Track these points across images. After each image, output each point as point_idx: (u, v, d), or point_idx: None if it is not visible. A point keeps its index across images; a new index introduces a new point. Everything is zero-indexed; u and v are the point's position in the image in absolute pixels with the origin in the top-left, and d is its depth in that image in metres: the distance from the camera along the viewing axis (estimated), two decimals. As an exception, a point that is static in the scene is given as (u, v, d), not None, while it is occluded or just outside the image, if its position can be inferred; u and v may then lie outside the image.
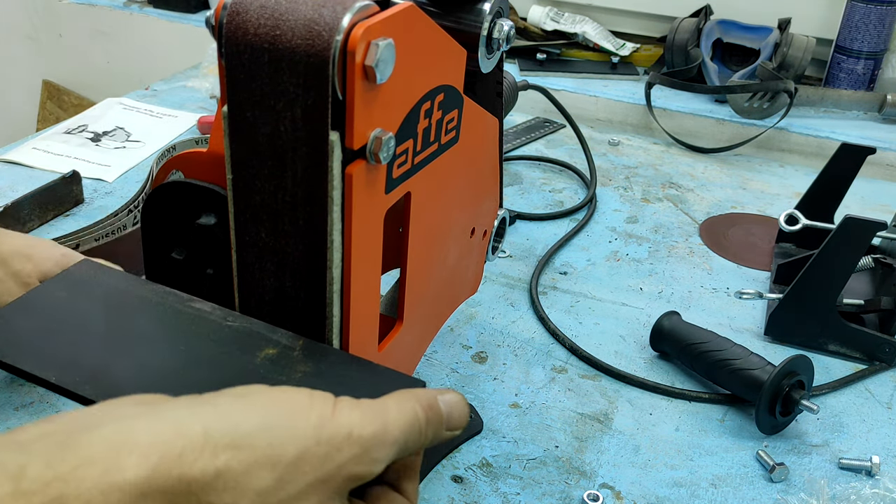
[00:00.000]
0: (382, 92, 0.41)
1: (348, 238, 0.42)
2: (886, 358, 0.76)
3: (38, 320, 0.45)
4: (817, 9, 1.43)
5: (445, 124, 0.49)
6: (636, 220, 1.02)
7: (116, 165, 1.06)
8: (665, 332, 0.75)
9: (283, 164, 0.42)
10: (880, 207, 1.07)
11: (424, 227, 0.51)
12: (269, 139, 0.41)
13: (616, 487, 0.62)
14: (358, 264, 0.44)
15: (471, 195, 0.59)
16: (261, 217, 0.44)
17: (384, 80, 0.39)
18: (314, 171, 0.41)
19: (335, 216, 0.42)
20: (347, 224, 0.42)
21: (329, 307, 0.44)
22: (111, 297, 0.47)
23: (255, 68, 0.40)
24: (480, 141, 0.57)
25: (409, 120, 0.44)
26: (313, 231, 0.42)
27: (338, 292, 0.44)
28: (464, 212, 0.58)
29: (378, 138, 0.41)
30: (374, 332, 0.49)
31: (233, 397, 0.36)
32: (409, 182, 0.47)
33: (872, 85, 1.37)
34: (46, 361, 0.42)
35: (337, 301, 0.44)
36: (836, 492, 0.63)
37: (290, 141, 0.41)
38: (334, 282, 0.43)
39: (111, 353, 0.43)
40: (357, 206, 0.42)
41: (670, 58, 1.40)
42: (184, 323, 0.45)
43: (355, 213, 0.42)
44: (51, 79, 2.01)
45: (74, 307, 0.46)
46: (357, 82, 0.38)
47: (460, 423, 0.41)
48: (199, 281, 0.51)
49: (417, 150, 0.47)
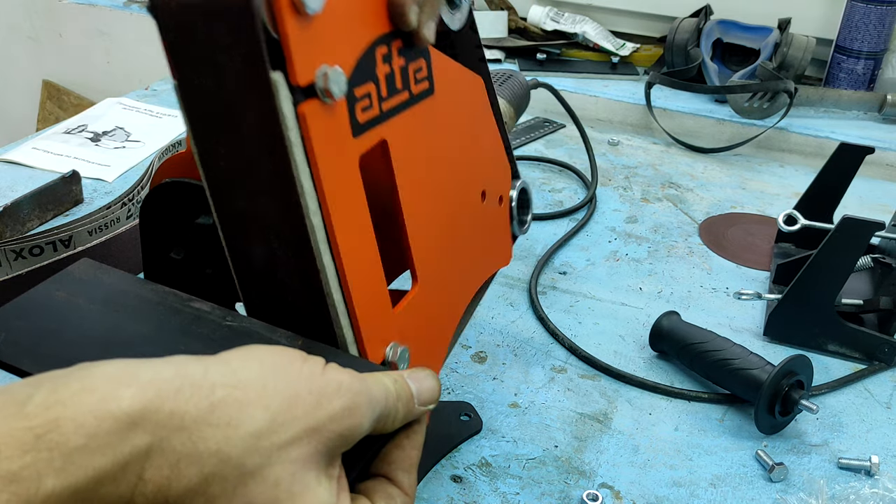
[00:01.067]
0: (320, 25, 0.40)
1: (321, 183, 0.41)
2: (885, 358, 0.76)
3: (37, 320, 0.45)
4: (817, 9, 1.43)
5: (413, 73, 0.49)
6: (636, 220, 1.02)
7: (116, 165, 1.06)
8: (664, 332, 0.75)
9: (237, 120, 0.41)
10: (879, 207, 1.07)
11: (414, 179, 0.50)
12: (219, 98, 0.41)
13: (615, 487, 0.62)
14: (339, 211, 0.43)
15: (469, 154, 0.57)
16: (232, 183, 0.43)
17: (317, 9, 0.39)
18: (267, 118, 0.40)
19: (298, 159, 0.41)
20: (315, 169, 0.41)
21: (318, 259, 0.43)
22: (110, 296, 0.47)
23: (191, 31, 0.40)
24: (465, 97, 0.56)
25: (364, 62, 0.44)
26: (283, 183, 0.41)
27: (324, 241, 0.43)
28: (464, 171, 0.57)
29: (325, 74, 0.40)
30: (379, 286, 0.48)
31: (233, 351, 0.37)
32: (381, 128, 0.46)
33: (872, 85, 1.37)
34: (46, 361, 0.42)
35: (326, 251, 0.43)
36: (835, 491, 0.63)
37: (238, 94, 0.40)
38: (316, 230, 0.42)
39: (110, 353, 0.43)
40: (319, 146, 0.41)
41: (670, 58, 1.40)
42: (183, 323, 0.45)
43: (318, 153, 0.41)
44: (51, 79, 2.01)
45: (74, 307, 0.46)
46: (286, 16, 0.38)
47: (431, 397, 0.43)
48: (199, 281, 0.51)
49: (383, 96, 0.46)
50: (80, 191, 0.97)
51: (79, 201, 0.97)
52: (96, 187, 1.01)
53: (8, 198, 0.91)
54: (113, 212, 0.85)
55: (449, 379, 0.72)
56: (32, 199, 0.90)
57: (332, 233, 0.43)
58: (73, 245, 0.81)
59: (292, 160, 0.40)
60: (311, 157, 0.41)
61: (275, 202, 0.42)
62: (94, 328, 0.45)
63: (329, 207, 0.42)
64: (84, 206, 0.96)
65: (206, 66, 0.40)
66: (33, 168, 1.04)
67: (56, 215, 0.94)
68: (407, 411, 0.41)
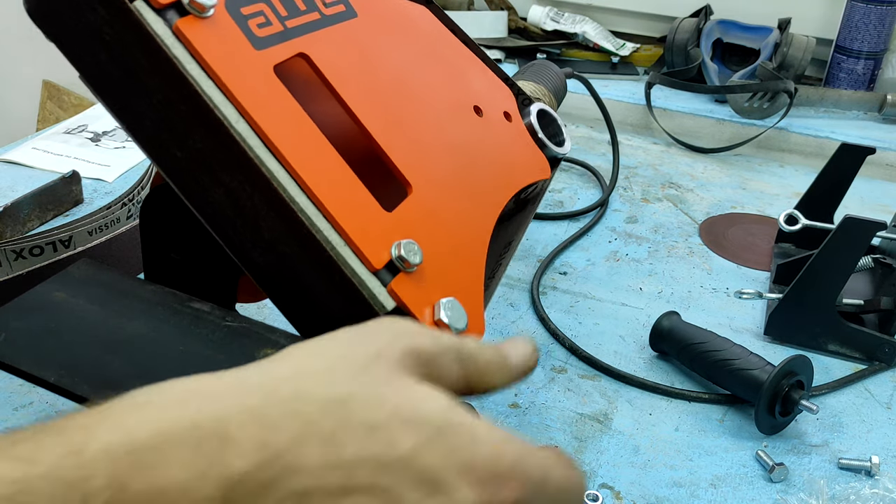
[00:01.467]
0: None
1: (231, 91, 0.41)
2: (886, 358, 0.76)
3: (37, 320, 0.45)
4: (817, 9, 1.43)
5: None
6: (636, 220, 1.02)
7: (116, 165, 1.06)
8: (664, 333, 0.75)
9: (136, 72, 0.41)
10: (880, 207, 1.07)
11: (363, 89, 0.49)
12: (114, 62, 0.41)
13: (616, 487, 0.62)
14: (264, 115, 0.42)
15: (437, 72, 0.57)
16: (161, 137, 0.43)
17: None
18: (153, 51, 0.40)
19: (195, 73, 0.40)
20: (218, 79, 0.41)
21: (263, 167, 0.41)
22: (110, 297, 0.47)
23: (59, 14, 0.41)
24: (408, 22, 0.57)
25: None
26: (196, 105, 0.41)
27: (260, 147, 0.41)
28: (437, 86, 0.56)
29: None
30: (351, 185, 0.45)
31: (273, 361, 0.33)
32: (293, 43, 0.46)
33: (872, 85, 1.37)
34: (46, 361, 0.42)
35: (268, 157, 0.41)
36: (835, 492, 0.63)
37: (121, 46, 0.40)
38: (246, 137, 0.41)
39: (110, 353, 0.43)
40: (211, 57, 0.41)
41: (670, 58, 1.40)
42: (182, 323, 0.45)
43: (212, 63, 0.41)
44: (51, 79, 2.01)
45: (74, 307, 0.46)
46: None
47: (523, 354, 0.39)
48: (199, 281, 0.51)
49: (283, 14, 0.46)
50: (80, 191, 0.97)
51: (79, 201, 0.97)
52: (96, 187, 1.01)
53: (8, 198, 0.91)
54: (113, 212, 0.85)
55: (449, 379, 0.72)
56: (32, 199, 0.90)
57: (266, 138, 0.41)
58: (73, 245, 0.81)
59: (189, 77, 0.40)
60: (208, 68, 0.41)
61: (201, 131, 0.41)
62: (93, 328, 0.45)
63: (251, 112, 0.41)
64: (84, 206, 0.96)
65: (88, 38, 0.41)
66: (33, 168, 1.04)
67: (56, 215, 0.94)
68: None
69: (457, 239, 0.51)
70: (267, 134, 0.41)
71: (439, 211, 0.50)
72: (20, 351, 0.42)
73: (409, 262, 0.44)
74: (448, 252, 0.49)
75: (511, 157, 0.61)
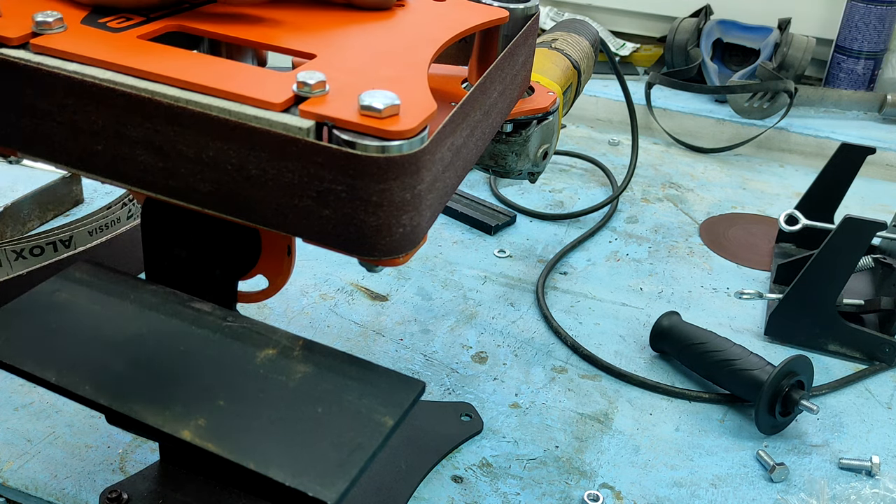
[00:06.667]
0: None
1: (101, 60, 0.44)
2: (886, 358, 0.76)
3: (37, 320, 0.45)
4: (817, 9, 1.43)
5: None
6: (636, 220, 1.02)
7: (116, 165, 1.06)
8: (665, 332, 0.75)
9: (28, 103, 0.45)
10: (880, 207, 1.07)
11: (256, 32, 0.50)
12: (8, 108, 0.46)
13: (616, 487, 0.62)
14: (134, 60, 0.44)
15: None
16: (83, 147, 0.45)
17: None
18: (32, 80, 0.44)
19: (71, 68, 0.43)
20: (90, 60, 0.44)
21: (155, 97, 0.43)
22: (111, 297, 0.47)
23: None
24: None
25: None
26: (84, 91, 0.43)
27: (133, 80, 0.43)
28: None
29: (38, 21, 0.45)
30: (234, 67, 0.46)
31: None
32: (163, 22, 0.49)
33: (872, 85, 1.37)
34: (46, 361, 0.42)
35: (145, 84, 0.43)
36: (836, 492, 0.63)
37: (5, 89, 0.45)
38: (126, 84, 0.43)
39: (111, 353, 0.43)
40: (76, 48, 0.44)
41: (670, 58, 1.40)
42: (183, 323, 0.45)
43: (78, 50, 0.44)
44: (51, 79, 2.00)
45: (74, 307, 0.46)
46: None
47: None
48: (200, 280, 0.51)
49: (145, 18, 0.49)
50: (80, 191, 0.97)
51: (79, 201, 0.97)
52: (97, 187, 1.01)
53: (8, 198, 0.91)
54: (113, 212, 0.85)
55: (449, 379, 0.72)
56: (33, 199, 0.90)
57: (131, 70, 0.44)
58: (73, 245, 0.81)
59: (65, 71, 0.43)
60: (75, 57, 0.44)
61: (93, 109, 0.44)
62: (94, 328, 0.45)
63: (111, 60, 0.44)
64: (84, 206, 0.96)
65: None
66: (33, 168, 1.04)
67: (56, 215, 0.94)
68: None
69: (381, 58, 0.49)
70: (129, 66, 0.44)
71: (348, 59, 0.48)
72: (21, 351, 0.42)
73: (313, 84, 0.42)
74: (370, 67, 0.47)
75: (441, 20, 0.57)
